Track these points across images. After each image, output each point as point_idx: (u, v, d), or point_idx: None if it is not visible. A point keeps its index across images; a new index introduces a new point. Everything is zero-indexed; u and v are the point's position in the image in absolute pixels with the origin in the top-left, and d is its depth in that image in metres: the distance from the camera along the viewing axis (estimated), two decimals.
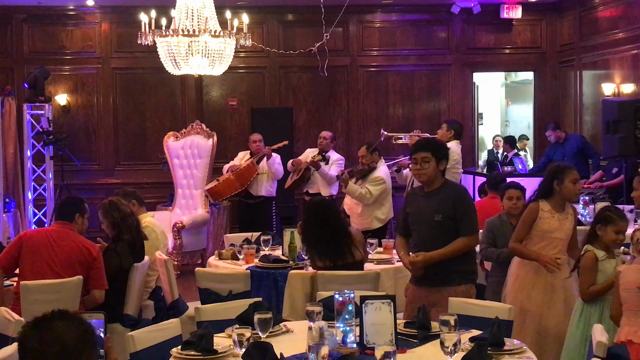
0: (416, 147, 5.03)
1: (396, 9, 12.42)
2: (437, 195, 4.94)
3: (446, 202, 4.91)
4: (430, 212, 4.93)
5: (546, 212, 5.14)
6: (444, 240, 4.89)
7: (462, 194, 5.06)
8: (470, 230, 4.93)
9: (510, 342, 3.71)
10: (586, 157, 10.79)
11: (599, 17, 11.29)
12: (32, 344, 2.33)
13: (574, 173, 5.20)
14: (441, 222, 4.88)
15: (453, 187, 5.09)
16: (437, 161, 4.92)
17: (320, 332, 3.51)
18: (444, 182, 5.02)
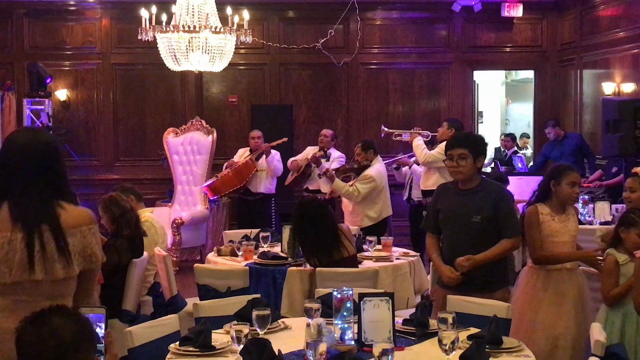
0: (452, 143, 4.84)
1: (397, 6, 12.41)
2: (474, 194, 4.76)
3: (485, 202, 4.72)
4: (467, 212, 4.73)
5: (546, 215, 4.95)
6: (482, 242, 4.71)
7: (504, 193, 4.86)
8: (514, 232, 4.77)
9: (508, 340, 3.71)
10: (584, 156, 10.81)
11: (600, 16, 11.28)
12: (29, 340, 2.33)
13: (573, 175, 4.99)
14: (480, 224, 4.70)
15: (493, 187, 4.86)
16: (474, 158, 4.72)
17: (318, 329, 3.51)
18: (482, 180, 4.84)
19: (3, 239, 2.87)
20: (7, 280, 2.86)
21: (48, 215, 2.91)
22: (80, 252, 2.96)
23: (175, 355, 3.63)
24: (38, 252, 2.86)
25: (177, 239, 9.68)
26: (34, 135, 3.07)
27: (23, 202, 2.92)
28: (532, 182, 10.07)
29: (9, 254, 2.86)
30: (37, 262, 2.86)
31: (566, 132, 11.08)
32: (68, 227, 2.94)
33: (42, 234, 2.88)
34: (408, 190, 9.28)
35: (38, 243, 2.87)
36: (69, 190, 3.10)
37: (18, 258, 2.86)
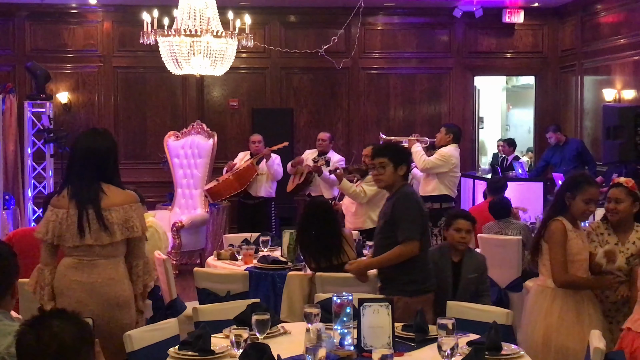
0: (374, 153, 4.98)
1: (398, 11, 12.42)
2: (390, 200, 4.91)
3: (390, 206, 4.82)
4: (380, 216, 4.96)
5: (570, 231, 4.53)
6: (386, 246, 4.77)
7: (403, 198, 4.81)
8: (405, 237, 4.68)
9: (507, 347, 3.71)
10: (584, 162, 10.81)
11: (601, 23, 11.29)
12: (29, 343, 2.33)
13: (591, 191, 4.58)
14: (383, 228, 4.84)
15: (400, 192, 4.86)
16: (395, 166, 4.82)
17: (317, 334, 3.51)
18: (400, 187, 4.88)
19: (64, 214, 4.06)
20: (70, 244, 4.06)
21: (92, 197, 4.03)
22: (123, 223, 4.06)
23: (175, 359, 3.63)
24: (85, 224, 4.02)
25: (177, 242, 9.68)
26: (94, 137, 4.22)
27: (77, 187, 4.06)
28: (532, 187, 10.14)
29: (69, 225, 4.04)
30: (86, 231, 4.02)
31: (567, 138, 11.07)
32: (109, 205, 4.06)
33: (87, 210, 4.02)
34: None
35: (85, 217, 4.02)
36: (116, 179, 4.17)
37: (72, 228, 4.03)
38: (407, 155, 5.04)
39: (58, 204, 4.11)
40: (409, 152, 5.13)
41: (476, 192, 10.45)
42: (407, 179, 4.97)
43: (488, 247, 7.08)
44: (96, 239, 4.02)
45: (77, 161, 4.13)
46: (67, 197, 4.07)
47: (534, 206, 9.27)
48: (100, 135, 4.24)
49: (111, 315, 4.03)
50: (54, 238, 4.08)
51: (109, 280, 4.06)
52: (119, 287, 4.08)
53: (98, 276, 4.05)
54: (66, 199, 4.08)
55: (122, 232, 4.05)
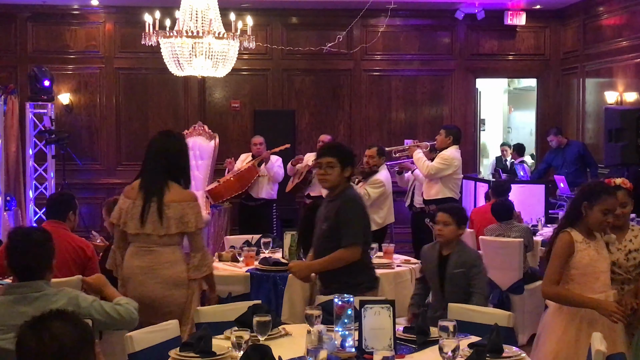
0: (322, 152, 4.87)
1: (400, 13, 12.42)
2: (332, 202, 4.81)
3: (333, 210, 4.75)
4: (321, 219, 4.84)
5: (580, 242, 4.29)
6: (328, 250, 4.73)
7: (349, 202, 4.76)
8: (349, 242, 4.67)
9: (509, 349, 3.70)
10: (586, 165, 10.80)
11: (603, 25, 11.29)
12: (29, 344, 2.33)
13: (610, 201, 4.32)
14: (326, 231, 4.76)
15: (345, 195, 4.79)
16: (342, 167, 4.74)
17: (319, 335, 3.50)
18: (344, 189, 4.81)
19: (131, 203, 4.61)
20: (132, 231, 4.61)
21: (157, 192, 4.56)
22: (179, 218, 4.58)
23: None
24: (147, 215, 4.54)
25: None
26: (167, 139, 4.79)
27: (147, 181, 4.61)
28: (534, 190, 10.13)
29: (133, 214, 4.57)
30: (146, 221, 4.55)
31: (569, 140, 11.07)
32: (170, 201, 4.58)
33: (150, 203, 4.55)
34: (410, 197, 9.28)
35: (147, 209, 4.54)
36: (182, 178, 4.72)
37: (136, 217, 4.56)
38: (353, 157, 4.91)
39: (128, 194, 4.71)
40: (354, 154, 5.00)
41: (477, 194, 10.44)
42: (350, 181, 4.93)
43: (489, 250, 7.08)
44: (153, 230, 4.57)
45: (150, 159, 4.72)
46: (137, 188, 4.65)
47: (536, 208, 9.26)
48: (173, 138, 4.84)
49: (168, 294, 4.60)
50: (121, 224, 4.67)
51: (165, 263, 4.62)
52: (174, 269, 4.64)
53: (155, 260, 4.61)
54: (135, 190, 4.65)
55: (177, 226, 4.59)
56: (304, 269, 4.84)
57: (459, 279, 4.98)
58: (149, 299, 4.54)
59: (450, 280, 5.00)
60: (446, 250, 5.12)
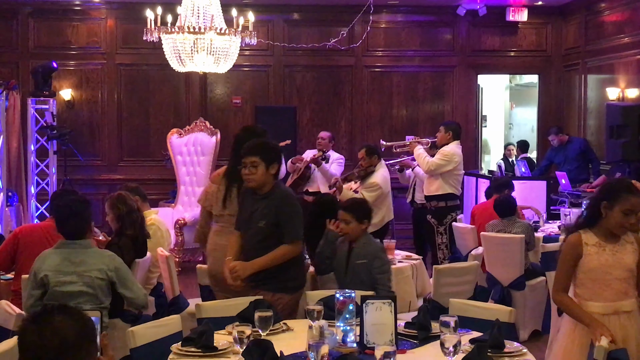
0: (245, 151, 4.85)
1: (402, 9, 12.41)
2: (264, 200, 4.79)
3: (271, 207, 4.75)
4: (255, 217, 4.80)
5: (592, 245, 3.99)
6: (267, 248, 4.73)
7: (287, 198, 4.84)
8: (293, 237, 4.75)
9: (510, 345, 3.71)
10: (587, 161, 10.80)
11: (605, 22, 11.28)
12: (31, 338, 2.33)
13: (632, 201, 3.93)
14: (264, 229, 4.74)
15: (279, 192, 4.85)
16: (266, 165, 4.74)
17: (320, 331, 3.51)
18: (274, 185, 4.84)
19: (216, 188, 5.26)
20: (216, 212, 5.23)
21: (238, 178, 4.97)
22: None
23: (178, 355, 3.63)
24: (228, 198, 5.14)
25: (180, 239, 9.68)
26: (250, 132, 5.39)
27: (231, 169, 5.20)
28: (535, 186, 10.14)
29: (218, 197, 5.20)
30: (227, 204, 5.14)
31: (570, 137, 11.06)
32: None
33: (232, 188, 5.14)
34: (411, 193, 9.28)
35: (229, 194, 5.14)
36: None
37: (219, 200, 5.17)
38: (278, 153, 4.91)
39: (214, 179, 5.38)
40: (280, 150, 5.00)
41: (479, 191, 10.45)
42: (277, 178, 4.90)
43: (491, 245, 7.09)
44: (233, 211, 5.04)
45: (235, 150, 5.24)
46: (222, 175, 5.29)
47: (537, 205, 9.26)
48: (254, 133, 5.36)
49: None
50: (207, 205, 5.28)
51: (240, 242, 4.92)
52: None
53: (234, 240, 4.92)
54: (220, 177, 5.29)
55: None
56: (248, 268, 4.71)
57: (360, 270, 5.00)
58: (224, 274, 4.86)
59: (352, 270, 5.04)
60: (355, 243, 5.16)
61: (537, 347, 6.47)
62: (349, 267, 5.07)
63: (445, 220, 8.37)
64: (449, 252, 8.34)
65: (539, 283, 7.10)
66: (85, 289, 4.66)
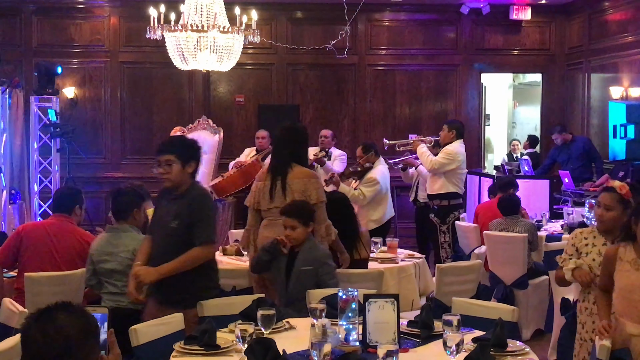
0: (159, 149, 4.64)
1: (405, 8, 12.41)
2: (180, 199, 4.56)
3: (184, 207, 4.51)
4: (168, 217, 4.55)
5: (627, 262, 3.86)
6: (179, 252, 4.45)
7: (202, 198, 4.60)
8: (205, 239, 4.48)
9: (513, 344, 3.70)
10: (591, 160, 10.78)
11: (608, 20, 11.26)
12: (34, 336, 2.33)
13: None
14: (176, 229, 4.49)
15: (195, 191, 4.61)
16: (182, 163, 4.54)
17: (323, 329, 3.51)
18: (191, 184, 4.63)
19: (262, 184, 5.34)
20: (265, 207, 5.31)
21: (282, 172, 5.26)
22: (301, 191, 5.19)
23: (180, 353, 3.63)
24: (274, 191, 5.26)
25: None
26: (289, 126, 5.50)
27: (274, 165, 5.34)
28: (538, 185, 10.13)
29: (264, 193, 5.29)
30: (274, 197, 5.26)
31: (574, 136, 11.04)
32: (293, 178, 5.24)
33: (277, 182, 5.27)
34: (414, 191, 9.27)
35: (275, 187, 5.26)
36: (302, 159, 5.41)
37: (266, 195, 5.28)
38: (195, 151, 4.72)
39: (260, 177, 5.43)
40: (197, 147, 4.77)
41: (482, 190, 10.44)
42: (195, 177, 4.69)
43: (494, 244, 7.08)
44: (280, 203, 5.16)
45: (277, 147, 5.46)
46: (264, 173, 5.38)
47: (541, 204, 9.26)
48: (295, 130, 5.49)
49: None
50: (255, 204, 5.34)
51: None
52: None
53: (282, 232, 4.97)
54: (265, 173, 5.38)
55: (299, 199, 5.12)
56: (153, 273, 4.42)
57: (306, 277, 4.80)
58: None
59: (296, 276, 4.82)
60: (297, 247, 4.95)
61: (539, 346, 6.47)
62: (293, 273, 4.85)
63: (448, 219, 8.37)
64: (452, 251, 8.34)
65: (541, 282, 7.09)
66: (117, 267, 5.06)
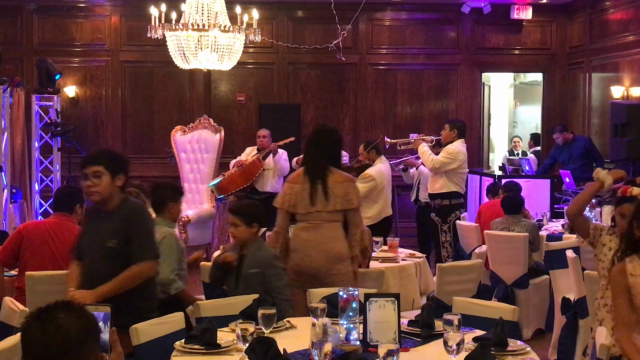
0: (86, 160, 4.39)
1: (406, 7, 12.40)
2: (113, 215, 4.28)
3: (121, 223, 4.24)
4: (103, 237, 4.26)
5: (638, 276, 3.71)
6: (115, 271, 4.22)
7: (137, 211, 4.34)
8: (146, 256, 4.27)
9: (513, 343, 3.70)
10: (592, 160, 10.77)
11: (610, 20, 11.26)
12: (34, 335, 2.33)
13: None
14: (116, 249, 4.23)
15: (129, 206, 4.33)
16: (112, 176, 4.25)
17: (323, 328, 3.51)
18: (124, 199, 4.34)
19: (299, 188, 5.22)
20: (303, 211, 5.20)
21: (321, 176, 5.19)
22: (343, 196, 5.17)
23: (181, 352, 3.63)
24: (315, 195, 5.16)
25: (184, 237, 9.69)
26: (323, 128, 5.57)
27: (311, 168, 5.25)
28: (539, 184, 10.12)
29: (303, 196, 5.18)
30: (315, 200, 5.17)
31: (575, 136, 11.04)
32: (334, 182, 5.19)
33: (317, 185, 5.17)
34: (415, 191, 9.28)
35: (315, 190, 5.16)
36: (338, 162, 5.39)
37: (305, 198, 5.18)
38: (124, 164, 4.41)
39: (294, 180, 5.31)
40: (126, 160, 4.49)
41: (483, 189, 10.43)
42: (124, 191, 4.42)
43: (494, 244, 7.08)
44: (322, 207, 5.16)
45: (311, 149, 5.38)
46: (302, 175, 5.26)
47: (541, 203, 9.25)
48: (328, 132, 5.49)
49: (331, 266, 5.11)
50: (289, 207, 5.24)
51: (330, 238, 5.16)
52: (337, 244, 5.16)
53: (322, 236, 5.15)
54: (301, 177, 5.26)
55: (342, 203, 5.17)
56: (88, 297, 4.04)
57: (253, 279, 4.70)
58: (313, 270, 5.11)
59: (244, 280, 4.74)
60: (245, 249, 4.88)
61: (540, 345, 6.47)
62: (241, 276, 4.78)
63: (449, 219, 8.36)
64: (453, 250, 8.34)
65: (542, 281, 7.09)
66: None
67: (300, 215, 5.27)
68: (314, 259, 5.12)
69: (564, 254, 5.87)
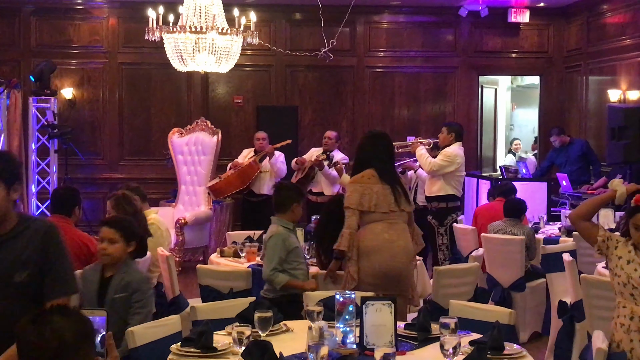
0: None
1: (404, 10, 12.42)
2: (14, 240, 3.18)
3: (32, 250, 3.17)
4: (6, 269, 3.15)
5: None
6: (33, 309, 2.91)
7: (51, 235, 3.24)
8: (67, 291, 3.26)
9: (510, 346, 3.70)
10: (589, 163, 10.79)
11: (607, 23, 11.27)
12: (30, 338, 2.32)
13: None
14: (28, 283, 3.16)
15: (39, 224, 3.25)
16: (6, 187, 3.14)
17: (320, 332, 3.51)
18: (21, 218, 3.25)
19: (379, 188, 5.36)
20: (384, 210, 5.35)
21: (397, 178, 5.52)
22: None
23: (177, 355, 3.62)
24: (399, 197, 5.38)
25: (181, 239, 9.68)
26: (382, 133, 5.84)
27: (382, 170, 5.42)
28: (536, 187, 10.13)
29: (385, 196, 5.35)
30: (399, 200, 5.38)
31: (572, 139, 11.05)
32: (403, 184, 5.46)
33: (396, 187, 5.41)
34: (413, 194, 9.27)
35: (397, 191, 5.39)
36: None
37: (388, 198, 5.36)
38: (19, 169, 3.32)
39: (363, 181, 5.40)
40: (20, 164, 3.38)
41: (480, 192, 10.44)
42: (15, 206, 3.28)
43: (492, 246, 7.08)
44: (404, 207, 5.42)
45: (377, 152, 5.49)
46: (375, 177, 5.39)
47: (538, 206, 9.26)
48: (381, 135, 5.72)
49: (411, 265, 5.43)
50: (369, 206, 5.33)
51: (408, 238, 5.43)
52: (409, 241, 5.43)
53: (403, 236, 5.39)
54: (375, 178, 5.39)
55: (411, 204, 5.55)
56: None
57: (119, 305, 4.17)
58: (398, 270, 5.29)
59: (111, 306, 4.14)
60: (110, 271, 4.32)
61: (537, 349, 6.47)
62: (105, 302, 4.17)
63: (446, 222, 8.36)
64: (450, 253, 8.34)
65: (539, 285, 7.09)
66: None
67: (380, 214, 5.36)
68: (401, 259, 5.31)
69: (560, 257, 5.88)
